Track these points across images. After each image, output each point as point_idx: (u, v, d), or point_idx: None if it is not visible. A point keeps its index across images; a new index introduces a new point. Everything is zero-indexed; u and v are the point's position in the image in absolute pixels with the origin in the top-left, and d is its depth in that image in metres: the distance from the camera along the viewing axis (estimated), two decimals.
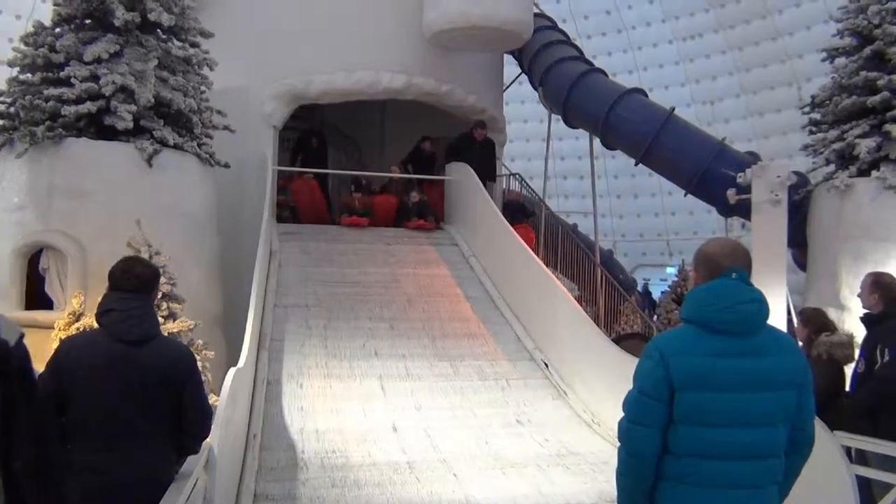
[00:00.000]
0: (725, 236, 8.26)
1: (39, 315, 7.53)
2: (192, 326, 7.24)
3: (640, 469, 2.60)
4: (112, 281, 3.40)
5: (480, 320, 9.12)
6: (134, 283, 3.36)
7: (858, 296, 5.34)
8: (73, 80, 7.75)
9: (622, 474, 2.65)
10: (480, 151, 11.93)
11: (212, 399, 6.99)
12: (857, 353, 5.63)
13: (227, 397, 4.89)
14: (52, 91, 7.74)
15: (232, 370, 5.42)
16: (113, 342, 3.24)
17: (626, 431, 2.62)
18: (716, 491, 2.50)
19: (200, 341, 7.37)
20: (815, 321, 5.84)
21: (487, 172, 11.89)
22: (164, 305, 7.16)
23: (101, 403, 3.16)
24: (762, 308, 2.62)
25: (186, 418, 3.32)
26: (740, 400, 2.52)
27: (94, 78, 7.78)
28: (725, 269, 2.64)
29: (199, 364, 7.13)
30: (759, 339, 2.59)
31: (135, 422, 3.20)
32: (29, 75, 8.09)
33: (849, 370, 5.66)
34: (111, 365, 3.20)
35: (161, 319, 7.10)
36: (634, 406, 2.62)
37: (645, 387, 2.59)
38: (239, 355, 6.38)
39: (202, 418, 3.41)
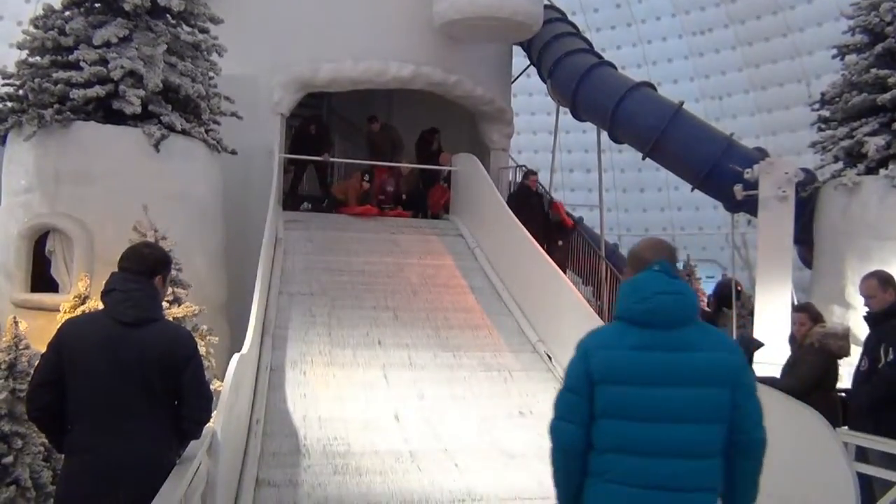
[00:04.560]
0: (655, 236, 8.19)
1: (45, 298, 7.57)
2: (196, 312, 7.25)
3: (567, 465, 2.58)
4: (119, 261, 3.40)
5: (484, 311, 9.13)
6: (136, 264, 3.35)
7: (870, 297, 5.19)
8: (81, 63, 7.76)
9: (555, 470, 2.63)
10: (538, 201, 11.47)
11: (215, 385, 7.02)
12: (852, 347, 5.62)
13: (230, 383, 4.90)
14: (61, 74, 7.75)
15: (236, 356, 5.44)
16: (112, 322, 3.22)
17: (553, 427, 2.61)
18: (638, 490, 2.43)
19: (205, 327, 7.38)
20: (815, 314, 5.84)
21: (547, 223, 11.19)
22: (169, 290, 7.17)
23: (100, 384, 3.15)
24: (682, 300, 2.55)
25: (186, 403, 3.30)
26: (659, 395, 2.46)
27: (103, 62, 7.78)
28: (649, 262, 2.62)
29: (203, 350, 7.17)
30: (683, 334, 2.53)
31: (132, 404, 3.18)
32: (38, 58, 8.10)
33: (843, 367, 5.67)
34: (108, 345, 3.18)
35: (166, 304, 7.12)
36: (560, 402, 2.62)
37: (569, 382, 2.60)
38: (243, 341, 6.40)
39: (202, 403, 3.39)
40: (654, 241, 2.80)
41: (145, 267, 3.38)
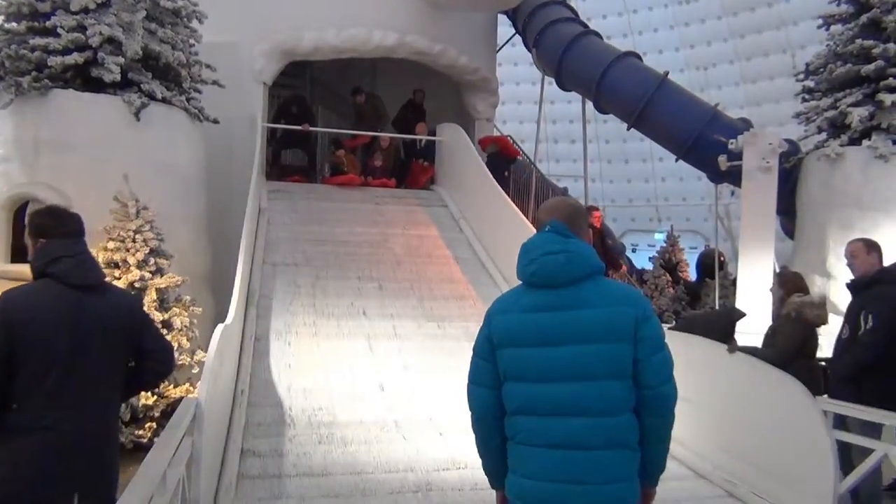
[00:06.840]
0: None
1: (25, 268, 7.47)
2: (179, 282, 7.22)
3: (482, 428, 2.63)
4: (45, 230, 3.22)
5: (469, 282, 9.13)
6: (75, 227, 3.24)
7: (853, 257, 5.22)
8: (59, 29, 7.61)
9: (474, 434, 2.68)
10: (599, 236, 10.57)
11: (199, 355, 7.02)
12: (830, 315, 5.68)
13: (214, 353, 4.88)
14: (38, 41, 7.60)
15: (220, 326, 5.41)
16: (65, 290, 3.06)
17: (467, 391, 2.66)
18: (543, 450, 2.44)
19: (188, 297, 7.36)
20: (791, 283, 5.87)
21: (611, 258, 10.35)
22: (152, 261, 7.13)
23: (59, 356, 2.97)
24: (569, 258, 2.49)
25: (152, 357, 3.27)
26: (552, 354, 2.45)
27: (81, 28, 7.63)
28: (544, 223, 2.62)
29: (187, 320, 7.16)
30: (573, 291, 2.48)
31: (92, 373, 3.04)
32: (14, 24, 7.93)
33: (825, 337, 5.72)
34: (67, 314, 3.02)
35: (149, 275, 7.08)
36: (471, 366, 2.66)
37: (476, 347, 2.65)
38: (227, 312, 6.37)
39: (167, 357, 3.37)
40: (553, 202, 2.77)
41: (80, 227, 3.28)
